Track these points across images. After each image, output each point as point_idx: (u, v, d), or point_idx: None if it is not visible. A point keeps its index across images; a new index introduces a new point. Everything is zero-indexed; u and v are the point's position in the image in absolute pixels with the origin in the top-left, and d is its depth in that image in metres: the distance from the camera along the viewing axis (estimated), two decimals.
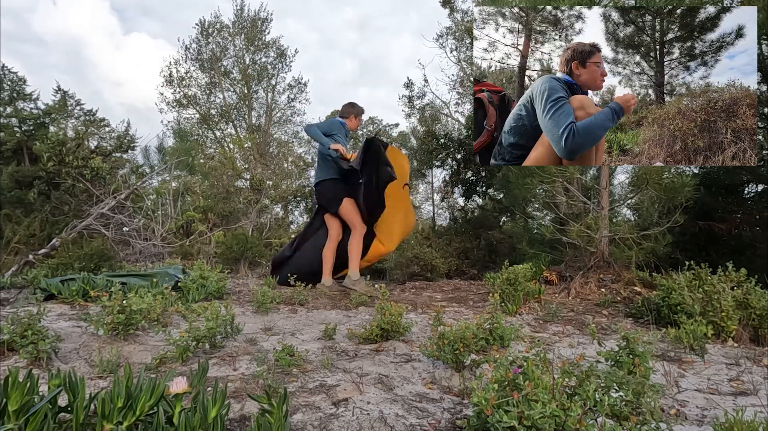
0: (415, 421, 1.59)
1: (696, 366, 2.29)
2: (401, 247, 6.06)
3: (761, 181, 5.34)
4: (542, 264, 4.79)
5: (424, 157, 8.93)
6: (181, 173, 10.57)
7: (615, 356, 1.75)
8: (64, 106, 10.27)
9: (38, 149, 7.93)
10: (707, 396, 1.91)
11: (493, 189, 8.10)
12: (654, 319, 3.10)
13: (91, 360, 2.12)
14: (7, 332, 2.12)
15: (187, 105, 15.45)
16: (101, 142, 10.21)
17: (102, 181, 7.90)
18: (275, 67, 15.46)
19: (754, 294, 2.88)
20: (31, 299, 3.37)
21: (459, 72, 11.58)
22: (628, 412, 1.35)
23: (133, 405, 1.24)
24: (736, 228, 5.41)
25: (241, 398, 1.74)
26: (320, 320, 3.07)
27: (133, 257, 6.75)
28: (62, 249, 6.02)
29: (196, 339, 2.22)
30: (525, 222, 6.05)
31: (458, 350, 2.01)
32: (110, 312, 2.33)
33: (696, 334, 2.47)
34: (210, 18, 15.22)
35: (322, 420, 1.57)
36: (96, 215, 6.97)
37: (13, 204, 8.01)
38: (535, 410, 1.23)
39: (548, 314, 3.23)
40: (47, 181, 8.01)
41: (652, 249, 4.17)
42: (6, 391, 1.15)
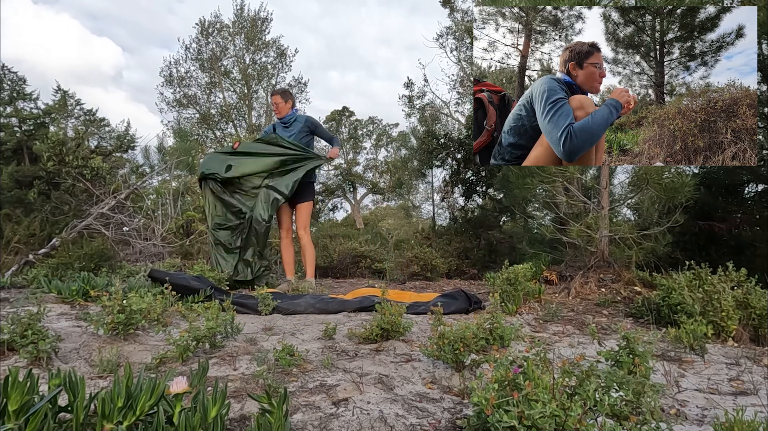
0: (415, 421, 1.59)
1: (696, 366, 2.29)
2: (401, 247, 6.07)
3: (761, 181, 5.34)
4: (542, 264, 4.79)
5: (424, 157, 8.93)
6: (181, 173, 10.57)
7: (615, 356, 1.75)
8: (64, 106, 10.27)
9: (38, 149, 7.93)
10: (707, 395, 1.91)
11: (493, 189, 8.10)
12: (654, 319, 3.10)
13: (91, 360, 2.12)
14: (7, 332, 2.12)
15: (187, 105, 15.46)
16: (101, 142, 10.22)
17: (102, 180, 7.90)
18: (275, 66, 15.48)
19: (754, 294, 2.88)
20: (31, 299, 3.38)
21: (459, 72, 11.59)
22: (628, 412, 1.35)
23: (133, 404, 1.24)
24: (736, 228, 5.41)
25: (241, 398, 1.74)
26: (320, 320, 3.07)
27: (133, 257, 6.75)
28: (62, 249, 6.02)
29: (196, 339, 2.22)
30: (525, 222, 6.05)
31: (458, 350, 2.01)
32: (110, 311, 2.33)
33: (696, 334, 2.47)
34: (210, 18, 15.24)
35: (322, 420, 1.57)
36: (96, 215, 6.97)
37: (13, 204, 8.01)
38: (535, 410, 1.23)
39: (548, 314, 3.23)
40: (47, 181, 8.01)
41: (652, 249, 4.17)
42: (6, 391, 1.15)
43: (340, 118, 21.67)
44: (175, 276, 3.48)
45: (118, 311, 2.33)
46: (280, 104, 4.63)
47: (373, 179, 20.80)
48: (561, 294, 4.09)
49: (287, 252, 4.73)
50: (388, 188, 19.33)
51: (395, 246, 7.83)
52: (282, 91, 4.70)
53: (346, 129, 21.83)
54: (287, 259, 4.72)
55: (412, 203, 16.69)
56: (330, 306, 3.39)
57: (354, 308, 3.38)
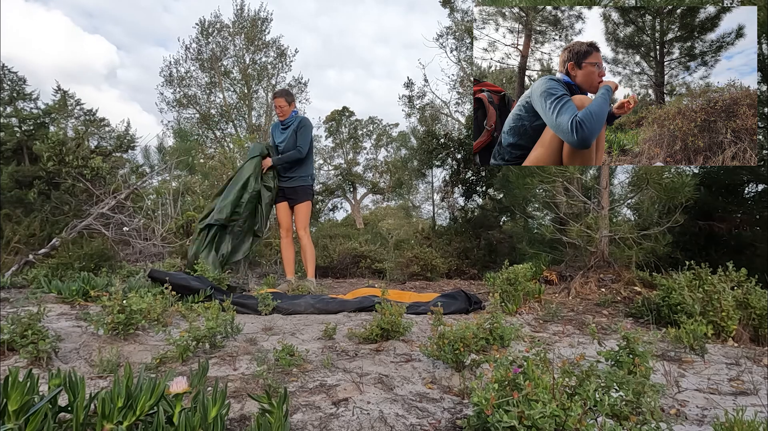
0: (415, 421, 1.59)
1: (696, 366, 2.29)
2: (401, 247, 6.08)
3: (761, 181, 5.34)
4: (542, 264, 4.79)
5: (424, 157, 8.93)
6: (181, 173, 10.56)
7: (615, 356, 1.75)
8: (64, 106, 10.27)
9: (38, 149, 7.92)
10: (707, 395, 1.91)
11: (493, 189, 8.10)
12: (654, 319, 3.10)
13: (91, 360, 2.12)
14: (7, 332, 2.12)
15: (187, 105, 15.46)
16: (101, 142, 10.21)
17: (102, 180, 7.89)
18: (275, 66, 15.47)
19: (754, 294, 2.88)
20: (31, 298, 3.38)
21: (459, 72, 11.59)
22: (628, 412, 1.35)
23: (133, 404, 1.24)
24: (736, 228, 5.41)
25: (241, 398, 1.74)
26: (320, 320, 3.07)
27: (133, 257, 6.75)
28: (62, 249, 6.02)
29: (196, 339, 2.22)
30: (525, 222, 6.05)
31: (458, 350, 2.01)
32: (110, 311, 2.33)
33: (696, 334, 2.47)
34: (210, 18, 15.24)
35: (322, 420, 1.57)
36: (96, 215, 6.97)
37: (13, 204, 8.00)
38: (535, 410, 1.23)
39: (548, 314, 3.23)
40: (47, 181, 8.00)
41: (652, 249, 4.17)
42: (6, 391, 1.15)
43: (340, 118, 21.67)
44: (175, 276, 3.48)
45: (118, 311, 2.33)
46: (284, 107, 4.63)
47: (373, 179, 20.81)
48: (561, 294, 4.09)
49: (288, 252, 4.73)
50: (388, 188, 19.34)
51: (395, 246, 7.83)
52: (286, 93, 4.69)
53: (346, 129, 21.83)
54: (287, 259, 4.72)
55: (412, 203, 16.70)
56: (330, 306, 3.39)
57: (354, 308, 3.38)
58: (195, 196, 8.67)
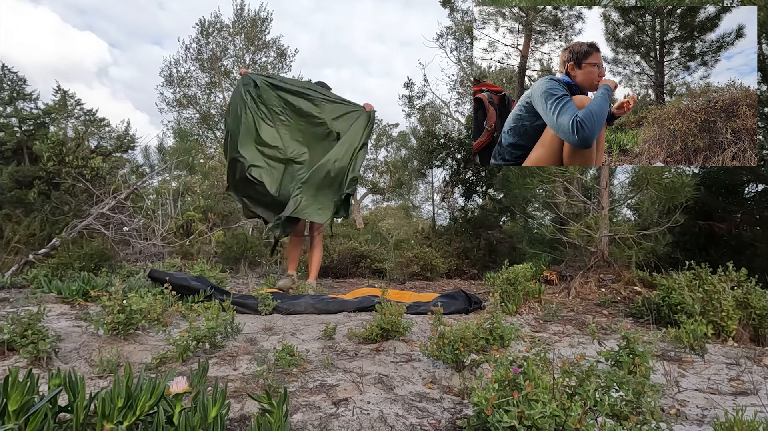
0: (415, 421, 1.59)
1: (696, 366, 2.29)
2: (401, 247, 6.07)
3: (761, 181, 5.34)
4: (542, 264, 4.79)
5: (424, 157, 8.93)
6: (181, 173, 10.57)
7: (615, 356, 1.75)
8: (64, 106, 10.28)
9: (38, 149, 7.93)
10: (707, 395, 1.91)
11: (493, 189, 8.10)
12: (654, 319, 3.10)
13: (91, 360, 2.12)
14: (7, 332, 2.12)
15: (187, 105, 15.46)
16: (101, 142, 10.22)
17: (102, 180, 7.90)
18: (275, 66, 15.45)
19: (754, 294, 2.88)
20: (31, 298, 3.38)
21: (459, 72, 11.58)
22: (628, 412, 1.35)
23: (133, 404, 1.24)
24: (736, 228, 5.41)
25: (241, 398, 1.74)
26: (320, 320, 3.07)
27: (133, 257, 6.75)
28: (62, 249, 6.02)
29: (196, 339, 2.22)
30: (525, 222, 6.05)
31: (458, 350, 2.01)
32: (110, 311, 2.33)
33: (696, 334, 2.47)
34: (210, 18, 15.24)
35: (322, 420, 1.57)
36: (96, 215, 6.97)
37: (13, 204, 8.01)
38: (535, 410, 1.23)
39: (548, 314, 3.23)
40: (47, 181, 8.00)
41: (652, 249, 4.17)
42: (6, 391, 1.15)
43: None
44: (175, 276, 3.48)
45: (118, 311, 2.33)
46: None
47: (373, 179, 20.79)
48: (561, 294, 4.09)
49: (293, 248, 4.65)
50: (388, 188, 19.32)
51: (395, 246, 7.83)
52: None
53: None
54: (292, 254, 4.63)
55: (412, 203, 16.69)
56: (330, 306, 3.39)
57: (354, 308, 3.38)
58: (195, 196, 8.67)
